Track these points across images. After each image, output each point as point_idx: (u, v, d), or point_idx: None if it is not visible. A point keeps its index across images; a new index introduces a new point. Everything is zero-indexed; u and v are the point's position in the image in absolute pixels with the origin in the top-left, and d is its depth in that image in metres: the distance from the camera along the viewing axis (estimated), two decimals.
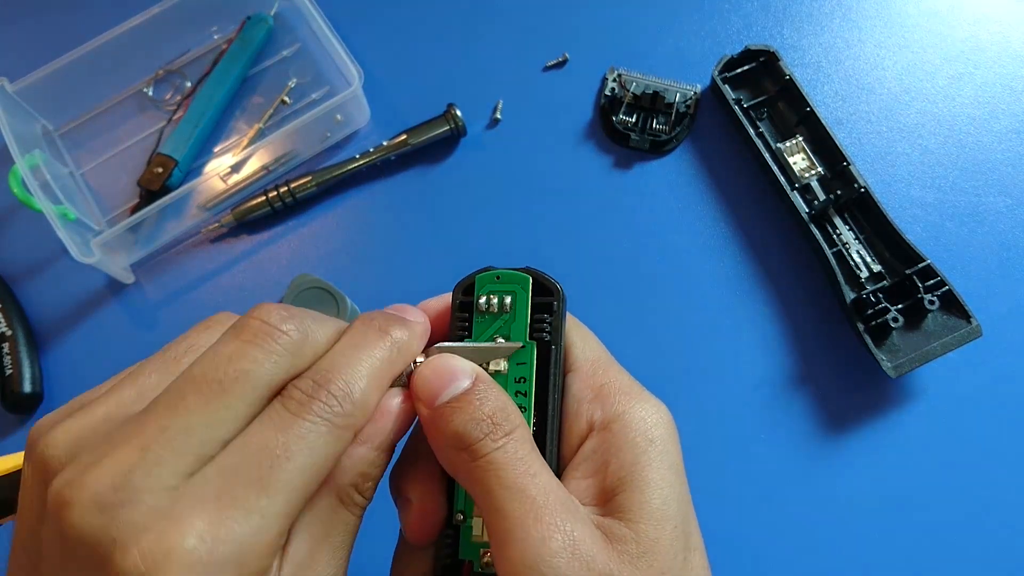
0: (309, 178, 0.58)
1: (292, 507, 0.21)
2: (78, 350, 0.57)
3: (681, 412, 0.28)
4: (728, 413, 0.53)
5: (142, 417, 0.21)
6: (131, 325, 0.58)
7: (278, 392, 0.22)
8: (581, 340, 0.29)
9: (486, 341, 0.27)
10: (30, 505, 0.21)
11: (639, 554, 0.23)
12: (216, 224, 0.58)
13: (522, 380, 0.27)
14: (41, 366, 0.56)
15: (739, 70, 0.58)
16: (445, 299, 0.29)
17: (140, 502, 0.19)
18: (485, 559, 0.26)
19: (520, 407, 0.26)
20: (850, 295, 0.51)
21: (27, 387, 0.55)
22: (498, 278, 0.28)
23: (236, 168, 0.60)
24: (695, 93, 0.59)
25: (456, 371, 0.25)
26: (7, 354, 0.55)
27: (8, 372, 0.55)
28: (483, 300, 0.28)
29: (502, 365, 0.27)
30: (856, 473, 0.51)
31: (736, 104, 0.57)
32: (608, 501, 0.25)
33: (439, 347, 0.26)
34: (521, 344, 0.27)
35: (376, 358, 0.24)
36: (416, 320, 0.26)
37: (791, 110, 0.57)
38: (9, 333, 0.56)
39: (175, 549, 0.18)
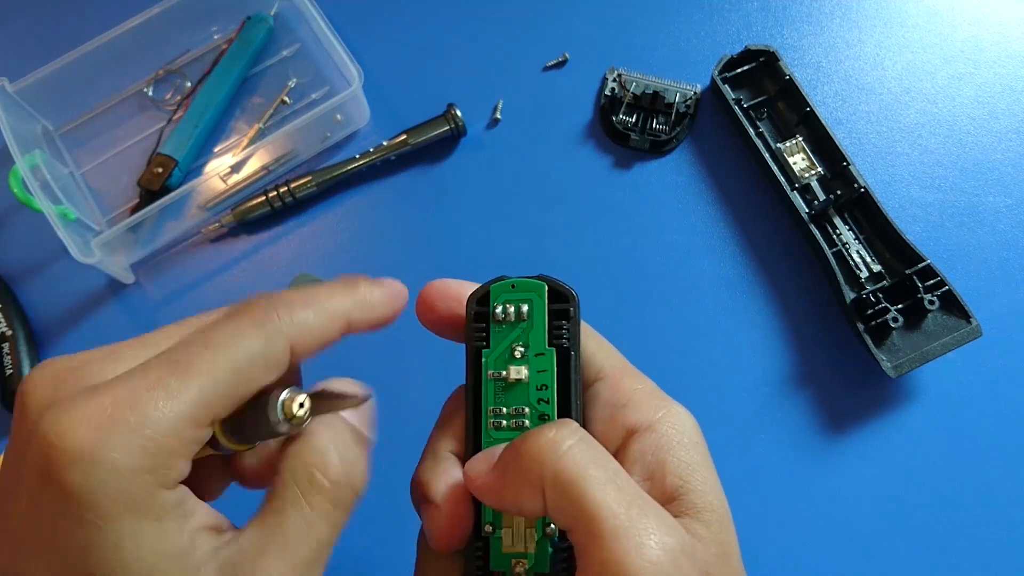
0: (309, 178, 0.58)
1: (205, 396, 0.21)
2: (78, 350, 0.57)
3: None
4: (728, 413, 0.53)
5: None
6: (131, 325, 0.58)
7: None
8: (599, 348, 0.29)
9: (503, 351, 0.27)
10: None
11: (719, 552, 0.24)
12: (216, 224, 0.58)
13: (544, 387, 0.27)
14: None
15: (739, 70, 0.58)
16: (459, 289, 0.29)
17: (80, 380, 0.22)
18: (517, 570, 0.26)
19: (543, 415, 0.27)
20: (850, 295, 0.51)
21: None
22: (513, 287, 0.28)
23: (236, 168, 0.60)
24: (695, 93, 0.59)
25: (493, 453, 0.25)
26: (7, 354, 0.55)
27: (8, 372, 0.55)
28: (500, 310, 0.27)
29: (523, 374, 0.27)
30: (856, 473, 0.51)
31: (736, 104, 0.57)
32: (672, 501, 0.25)
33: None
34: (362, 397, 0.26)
35: (336, 298, 0.25)
36: (394, 286, 0.27)
37: (791, 110, 0.57)
38: (9, 333, 0.56)
39: (77, 412, 0.20)
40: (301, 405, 0.23)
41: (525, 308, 0.27)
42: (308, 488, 0.23)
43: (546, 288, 0.28)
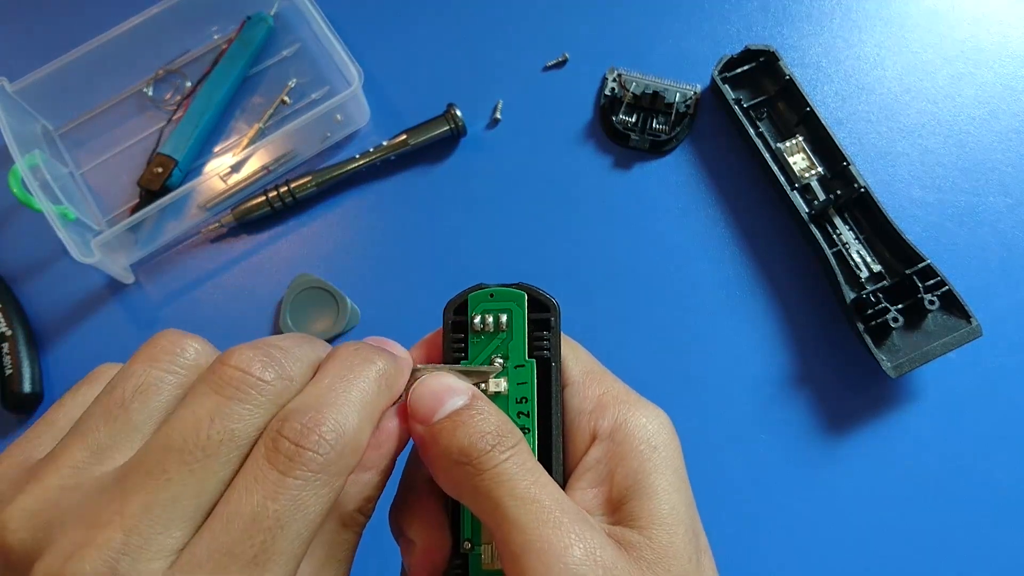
0: (309, 178, 0.58)
1: (292, 572, 0.20)
2: (78, 350, 0.57)
3: (682, 412, 0.28)
4: (728, 413, 0.53)
5: (120, 491, 0.19)
6: (131, 325, 0.58)
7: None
8: (571, 353, 0.28)
9: (482, 363, 0.27)
10: None
11: (655, 560, 0.23)
12: (216, 224, 0.58)
13: (524, 400, 0.26)
14: (41, 366, 0.56)
15: (739, 70, 0.58)
16: (429, 336, 0.28)
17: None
18: None
19: (523, 428, 0.26)
20: (850, 295, 0.51)
21: (27, 387, 0.55)
22: (492, 296, 0.27)
23: (236, 168, 0.60)
24: (695, 93, 0.59)
25: (451, 388, 0.24)
26: (7, 354, 0.55)
27: (8, 372, 0.55)
28: (478, 320, 0.27)
29: (502, 386, 0.26)
30: (856, 473, 0.51)
31: (736, 104, 0.57)
32: (616, 510, 0.25)
33: (421, 368, 0.25)
34: (500, 367, 0.27)
35: (365, 390, 0.22)
36: (399, 353, 0.25)
37: (791, 110, 0.57)
38: (9, 333, 0.55)
39: None
40: None
41: (504, 318, 0.27)
42: (353, 521, 0.23)
43: (526, 297, 0.27)
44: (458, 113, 0.58)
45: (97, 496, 0.19)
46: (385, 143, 0.59)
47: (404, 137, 0.59)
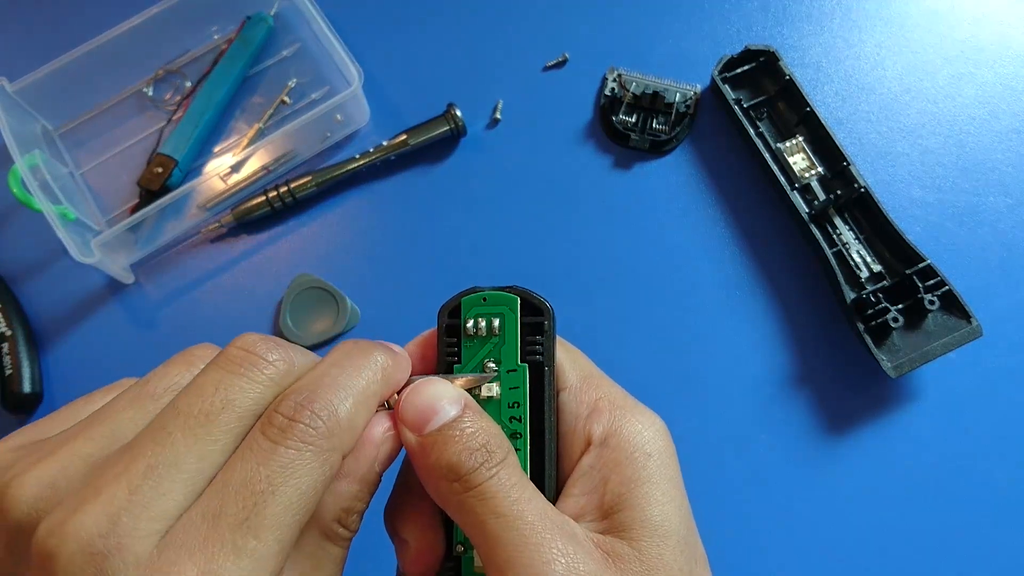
0: (309, 178, 0.58)
1: (284, 543, 0.20)
2: (78, 350, 0.57)
3: (681, 413, 0.28)
4: (728, 413, 0.53)
5: (127, 454, 0.20)
6: (131, 325, 0.58)
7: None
8: (569, 357, 0.28)
9: (474, 367, 0.27)
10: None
11: (642, 572, 0.23)
12: (216, 224, 0.58)
13: (516, 405, 0.26)
14: (41, 366, 0.56)
15: (739, 70, 0.58)
16: (424, 335, 0.28)
17: (128, 550, 0.18)
18: None
19: (515, 433, 0.26)
20: (850, 295, 0.51)
21: (27, 387, 0.55)
22: (485, 300, 0.27)
23: (236, 168, 0.60)
24: (695, 93, 0.59)
25: (443, 397, 0.24)
26: (7, 354, 0.55)
27: (8, 372, 0.55)
28: (471, 324, 0.27)
29: (495, 391, 0.26)
30: (856, 473, 0.51)
31: (736, 104, 0.57)
32: (608, 517, 0.25)
33: (412, 378, 0.25)
34: (494, 372, 0.26)
35: (362, 377, 0.23)
36: (398, 351, 0.25)
37: (791, 110, 0.57)
38: (9, 333, 0.56)
39: None
40: None
41: (497, 322, 0.27)
42: (335, 534, 0.23)
43: (519, 301, 0.27)
44: (458, 113, 0.58)
45: (104, 461, 0.20)
46: (385, 143, 0.59)
47: (404, 137, 0.59)
